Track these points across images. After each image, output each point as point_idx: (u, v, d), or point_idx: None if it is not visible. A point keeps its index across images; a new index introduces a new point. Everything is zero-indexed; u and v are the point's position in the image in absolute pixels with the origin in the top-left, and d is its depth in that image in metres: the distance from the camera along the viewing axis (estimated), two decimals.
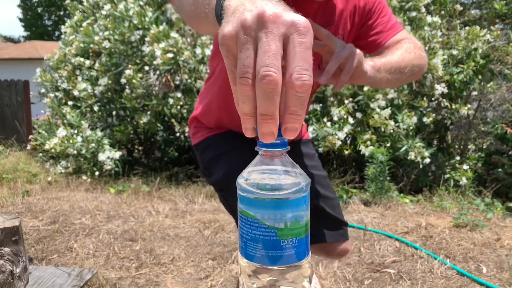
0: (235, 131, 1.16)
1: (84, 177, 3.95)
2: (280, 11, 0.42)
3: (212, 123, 1.21)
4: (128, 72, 3.96)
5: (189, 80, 3.85)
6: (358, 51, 0.85)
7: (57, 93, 4.79)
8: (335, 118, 3.59)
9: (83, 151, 3.91)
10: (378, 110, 3.59)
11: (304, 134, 1.31)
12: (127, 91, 4.03)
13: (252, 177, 0.44)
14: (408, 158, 3.49)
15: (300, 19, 0.42)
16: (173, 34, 3.85)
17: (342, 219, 1.22)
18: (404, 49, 1.02)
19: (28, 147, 5.04)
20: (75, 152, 3.91)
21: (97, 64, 4.38)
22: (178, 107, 3.86)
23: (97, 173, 3.95)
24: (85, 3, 5.10)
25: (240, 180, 0.45)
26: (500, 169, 3.78)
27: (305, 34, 0.41)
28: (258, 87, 0.40)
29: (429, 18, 3.91)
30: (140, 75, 3.98)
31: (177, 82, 3.89)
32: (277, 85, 0.39)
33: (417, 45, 1.06)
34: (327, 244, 1.17)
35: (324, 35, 0.85)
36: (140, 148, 4.87)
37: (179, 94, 3.84)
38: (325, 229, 1.17)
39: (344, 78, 0.84)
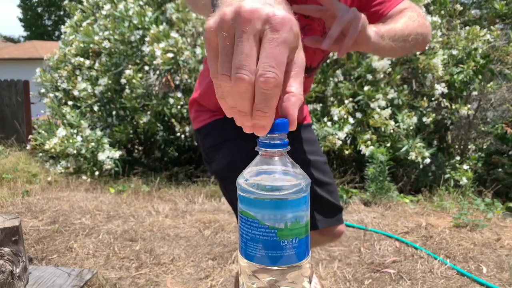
0: None
1: (84, 177, 3.95)
2: (257, 5, 0.41)
3: (212, 105, 1.17)
4: (128, 72, 3.95)
5: (189, 80, 3.85)
6: (362, 15, 0.83)
7: (57, 93, 4.79)
8: (335, 118, 3.59)
9: (83, 151, 3.91)
10: (378, 110, 3.59)
11: (305, 119, 1.29)
12: (127, 91, 4.03)
13: (252, 177, 0.44)
14: (409, 158, 3.49)
15: (277, 13, 0.41)
16: (173, 34, 3.85)
17: (339, 204, 1.23)
18: (407, 17, 1.00)
19: (28, 147, 5.04)
20: (75, 152, 3.91)
21: (97, 64, 4.38)
22: (178, 107, 3.86)
23: (97, 173, 3.95)
24: (85, 3, 5.11)
25: (240, 181, 0.45)
26: (500, 169, 3.78)
27: (279, 29, 0.40)
28: (233, 87, 0.41)
29: (429, 18, 3.91)
30: (140, 75, 3.98)
31: (177, 82, 3.89)
32: (249, 86, 0.40)
33: (420, 13, 1.05)
34: (324, 228, 1.18)
35: (326, 0, 0.84)
36: (140, 148, 4.87)
37: (179, 94, 3.84)
38: (323, 216, 1.17)
39: (347, 43, 0.82)
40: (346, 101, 3.64)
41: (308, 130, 1.29)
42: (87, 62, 4.43)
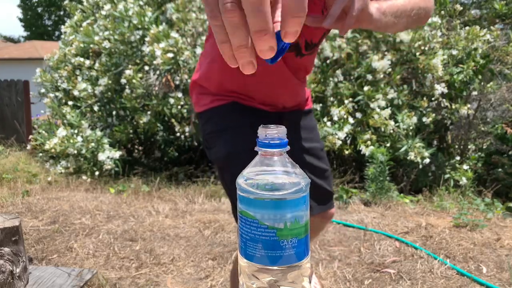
0: (240, 102, 1.13)
1: (84, 177, 3.95)
2: None
3: (214, 87, 1.15)
4: (128, 72, 3.96)
5: (189, 80, 3.86)
6: None
7: (57, 93, 4.80)
8: (335, 118, 3.59)
9: (83, 151, 3.91)
10: (378, 110, 3.59)
11: (306, 104, 1.27)
12: (127, 91, 4.03)
13: (251, 177, 0.44)
14: (408, 158, 3.49)
15: None
16: (173, 34, 3.85)
17: (332, 190, 1.23)
18: None
19: (28, 147, 5.04)
20: (75, 152, 3.91)
21: (97, 64, 4.38)
22: (178, 107, 3.86)
23: (97, 173, 3.95)
24: (85, 3, 5.11)
25: (240, 180, 0.45)
26: (500, 169, 3.79)
27: None
28: (246, 4, 0.37)
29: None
30: (140, 75, 3.98)
31: (177, 82, 3.89)
32: None
33: None
34: (317, 214, 1.19)
35: None
36: (140, 148, 4.87)
37: (179, 94, 3.84)
38: (317, 203, 1.17)
39: (349, 22, 0.81)
40: (346, 101, 3.64)
41: (308, 116, 1.27)
42: (87, 62, 4.44)
